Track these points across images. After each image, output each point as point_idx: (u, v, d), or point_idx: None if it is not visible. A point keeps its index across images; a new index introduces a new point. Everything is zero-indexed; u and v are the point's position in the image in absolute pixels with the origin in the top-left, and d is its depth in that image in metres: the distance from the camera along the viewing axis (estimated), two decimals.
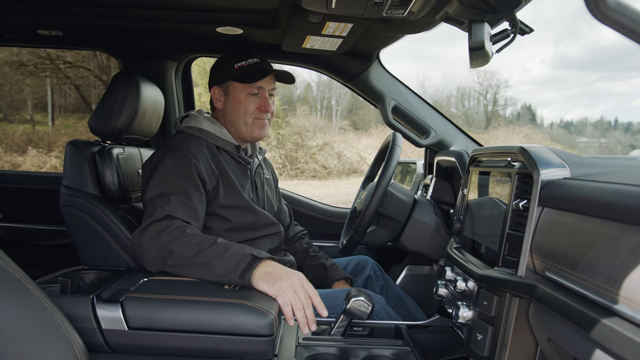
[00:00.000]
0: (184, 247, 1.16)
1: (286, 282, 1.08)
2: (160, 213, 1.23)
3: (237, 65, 1.50)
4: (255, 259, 1.12)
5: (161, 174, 1.32)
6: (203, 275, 1.14)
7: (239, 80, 1.49)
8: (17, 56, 10.82)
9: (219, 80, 1.53)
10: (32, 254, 2.29)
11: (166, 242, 1.17)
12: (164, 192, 1.28)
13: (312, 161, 14.09)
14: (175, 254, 1.16)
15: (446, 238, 1.58)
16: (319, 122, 16.50)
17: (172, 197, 1.26)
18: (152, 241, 1.19)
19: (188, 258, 1.14)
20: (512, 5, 1.08)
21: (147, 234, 1.20)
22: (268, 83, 1.53)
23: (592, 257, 0.68)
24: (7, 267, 0.77)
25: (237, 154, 1.51)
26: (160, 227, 1.20)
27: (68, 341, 0.79)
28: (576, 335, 0.68)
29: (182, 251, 1.16)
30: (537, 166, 0.89)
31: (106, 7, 1.57)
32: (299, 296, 1.08)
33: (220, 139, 1.49)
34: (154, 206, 1.26)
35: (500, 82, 22.37)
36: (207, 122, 1.50)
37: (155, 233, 1.19)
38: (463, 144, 1.92)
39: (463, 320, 1.06)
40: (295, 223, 1.86)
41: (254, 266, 1.10)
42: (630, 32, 0.42)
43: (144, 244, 1.20)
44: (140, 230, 1.22)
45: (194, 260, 1.14)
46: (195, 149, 1.40)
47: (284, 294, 1.07)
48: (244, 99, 1.50)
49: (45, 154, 11.30)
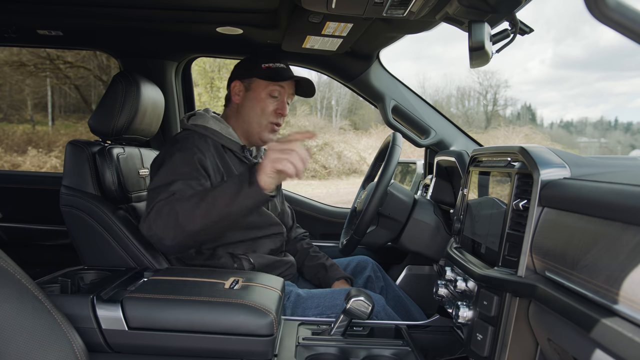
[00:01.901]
0: (185, 203, 1.19)
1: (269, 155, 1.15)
2: (164, 194, 1.24)
3: (265, 65, 1.52)
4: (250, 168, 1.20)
5: (169, 166, 1.33)
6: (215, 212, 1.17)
7: (264, 78, 1.51)
8: (17, 56, 10.82)
9: (243, 75, 1.55)
10: (32, 254, 2.29)
11: (168, 209, 1.19)
12: (170, 181, 1.28)
13: (312, 161, 14.07)
14: (180, 214, 1.18)
15: (446, 238, 1.58)
16: (319, 122, 16.50)
17: (178, 182, 1.27)
18: (157, 215, 1.21)
19: (193, 209, 1.17)
20: (512, 5, 1.09)
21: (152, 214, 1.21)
22: (289, 89, 1.55)
23: (592, 257, 0.68)
24: (7, 267, 0.77)
25: (242, 154, 1.52)
26: (160, 204, 1.22)
27: (68, 341, 0.79)
28: (576, 335, 0.68)
29: (184, 208, 1.18)
30: (537, 166, 0.89)
31: (106, 7, 1.57)
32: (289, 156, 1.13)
33: (225, 138, 1.49)
34: (159, 192, 1.26)
35: (500, 82, 22.41)
36: (213, 121, 1.51)
37: (158, 209, 1.21)
38: (463, 144, 1.92)
39: (463, 320, 1.06)
40: (297, 225, 1.86)
41: (253, 172, 1.17)
42: (630, 32, 0.42)
43: (151, 223, 1.21)
44: (146, 215, 1.23)
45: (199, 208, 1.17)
46: (202, 145, 1.41)
47: (278, 162, 1.13)
48: (264, 98, 1.51)
49: (45, 154, 11.30)
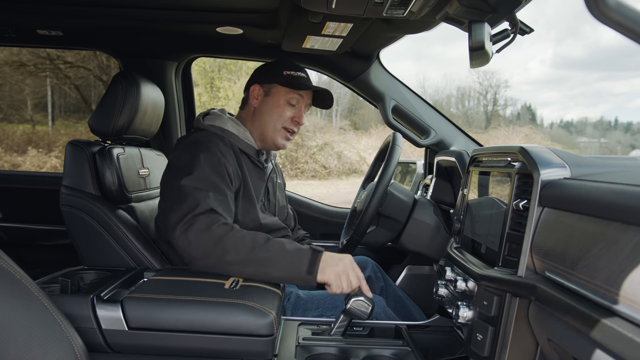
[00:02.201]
0: (239, 242, 1.14)
1: (339, 268, 1.17)
2: (203, 206, 1.19)
3: (286, 73, 1.52)
4: (316, 253, 1.17)
5: (197, 171, 1.27)
6: (262, 271, 1.14)
7: (285, 85, 1.50)
8: (17, 56, 10.82)
9: (264, 80, 1.54)
10: (32, 254, 2.29)
11: (218, 237, 1.14)
12: (202, 188, 1.24)
13: (312, 161, 14.09)
14: (230, 251, 1.13)
15: (446, 238, 1.58)
16: (319, 122, 16.48)
17: (210, 193, 1.23)
18: (202, 236, 1.14)
19: (246, 254, 1.13)
20: (512, 5, 1.09)
21: (195, 229, 1.15)
22: (307, 98, 1.55)
23: (592, 257, 0.68)
24: (7, 267, 0.77)
25: (256, 158, 1.51)
26: (207, 221, 1.16)
27: (68, 341, 0.79)
28: (576, 335, 0.68)
29: (237, 247, 1.13)
30: (537, 166, 0.89)
31: (106, 7, 1.57)
32: (351, 281, 1.18)
33: (242, 142, 1.48)
34: (195, 199, 1.20)
35: (500, 82, 22.36)
36: (231, 123, 1.49)
37: (204, 227, 1.15)
38: (463, 144, 1.92)
39: (463, 320, 1.06)
40: (299, 227, 1.86)
41: (317, 260, 1.15)
42: (630, 32, 0.42)
43: (192, 239, 1.15)
44: (185, 224, 1.17)
45: (253, 257, 1.13)
46: (224, 149, 1.38)
47: (338, 280, 1.16)
48: (283, 105, 1.51)
49: (45, 154, 11.30)
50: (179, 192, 1.24)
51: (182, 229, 1.16)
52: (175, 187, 1.26)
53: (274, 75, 1.52)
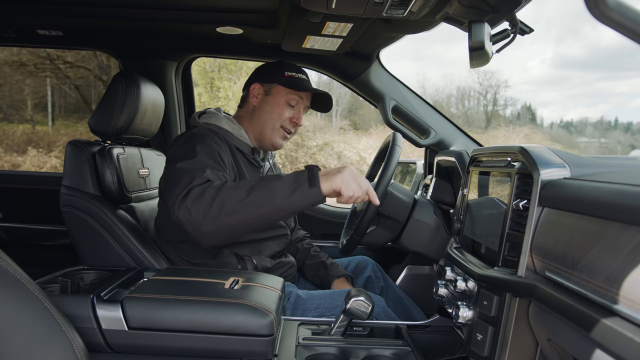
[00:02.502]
0: (234, 189, 1.16)
1: (345, 174, 1.16)
2: (199, 179, 1.21)
3: (288, 74, 1.54)
4: (311, 167, 1.17)
5: (192, 157, 1.30)
6: (267, 205, 1.14)
7: (286, 85, 1.52)
8: (17, 56, 10.81)
9: (265, 80, 1.56)
10: (32, 254, 2.29)
11: (212, 195, 1.15)
12: (197, 168, 1.26)
13: (312, 161, 14.08)
14: (229, 199, 1.14)
15: (446, 238, 1.58)
16: (319, 122, 16.48)
17: (207, 170, 1.26)
18: (198, 201, 1.16)
19: (245, 197, 1.14)
20: (512, 5, 1.09)
21: (191, 197, 1.17)
22: (306, 100, 1.57)
23: (592, 257, 0.68)
24: (7, 267, 0.77)
25: (252, 156, 1.52)
26: (200, 188, 1.18)
27: (68, 341, 0.79)
28: (576, 335, 0.68)
29: (234, 195, 1.14)
30: (537, 166, 0.89)
31: (106, 7, 1.57)
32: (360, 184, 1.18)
33: (237, 139, 1.50)
34: (190, 176, 1.22)
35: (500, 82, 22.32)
36: (226, 121, 1.51)
37: (199, 194, 1.17)
38: (463, 144, 1.92)
39: (463, 320, 1.06)
40: (298, 227, 1.86)
41: (315, 173, 1.16)
42: (630, 32, 0.42)
43: (190, 207, 1.16)
44: (181, 196, 1.18)
45: (251, 198, 1.14)
46: (219, 142, 1.41)
47: (346, 184, 1.15)
48: (282, 105, 1.53)
49: (45, 154, 11.29)
50: (176, 175, 1.26)
51: (180, 203, 1.18)
52: (173, 172, 1.28)
53: (275, 76, 1.54)
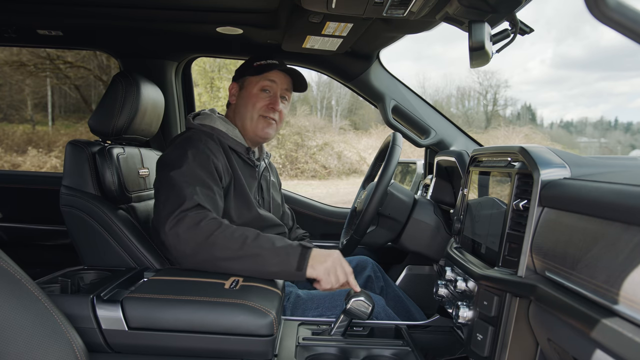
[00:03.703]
0: (229, 239, 1.14)
1: (328, 264, 1.17)
2: (190, 202, 1.19)
3: (256, 63, 1.55)
4: (305, 249, 1.17)
5: (185, 166, 1.29)
6: (252, 268, 1.14)
7: (255, 74, 1.54)
8: (17, 56, 10.82)
9: (237, 77, 1.60)
10: (32, 254, 2.29)
11: (207, 233, 1.14)
12: (190, 182, 1.24)
13: (312, 161, 14.09)
14: (220, 247, 1.13)
15: (446, 238, 1.58)
16: (319, 122, 16.49)
17: (197, 188, 1.24)
18: (191, 232, 1.14)
19: (235, 250, 1.13)
20: (512, 5, 1.09)
21: (184, 225, 1.15)
22: (280, 82, 1.55)
23: (592, 257, 0.68)
24: (7, 267, 0.77)
25: (247, 156, 1.52)
26: (196, 217, 1.16)
27: (68, 341, 0.79)
28: (576, 335, 0.68)
29: (227, 243, 1.13)
30: (537, 166, 0.89)
31: (106, 7, 1.57)
32: (339, 276, 1.19)
33: (232, 139, 1.49)
34: (183, 195, 1.20)
35: (500, 82, 22.37)
36: (220, 122, 1.51)
37: (193, 223, 1.15)
38: (463, 144, 1.92)
39: (463, 320, 1.06)
40: (297, 226, 1.86)
41: (307, 256, 1.15)
42: (631, 32, 0.42)
43: (182, 235, 1.14)
44: (175, 220, 1.16)
45: (243, 253, 1.13)
46: (213, 147, 1.40)
47: (327, 276, 1.17)
48: (256, 94, 1.53)
49: (45, 154, 11.30)
50: (167, 187, 1.25)
51: (171, 225, 1.16)
52: (164, 183, 1.27)
53: (246, 69, 1.57)
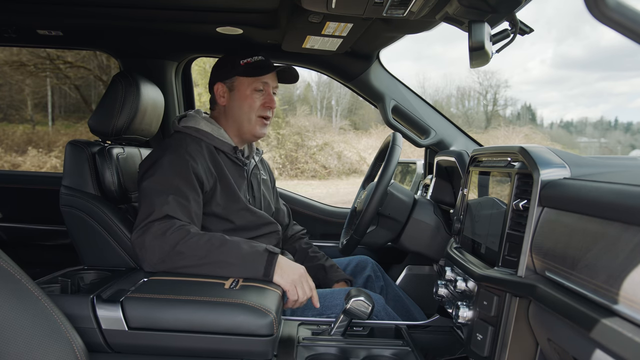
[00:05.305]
0: (194, 247, 1.17)
1: (295, 277, 1.20)
2: (159, 212, 1.22)
3: (243, 62, 1.51)
4: (271, 255, 1.19)
5: (159, 174, 1.31)
6: (219, 273, 1.17)
7: (246, 75, 1.50)
8: (17, 56, 10.82)
9: (224, 77, 1.53)
10: (32, 254, 2.29)
11: (173, 242, 1.17)
12: (161, 191, 1.27)
13: (312, 161, 14.09)
14: (186, 255, 1.16)
15: (446, 238, 1.58)
16: (319, 122, 16.49)
17: (170, 197, 1.25)
18: (157, 241, 1.18)
19: (201, 258, 1.16)
20: (512, 5, 1.09)
21: (150, 235, 1.19)
22: (272, 80, 1.54)
23: (592, 257, 0.68)
24: (7, 267, 0.77)
25: (234, 155, 1.51)
26: (162, 227, 1.19)
27: (68, 341, 0.79)
28: (576, 335, 0.68)
29: (193, 251, 1.16)
30: (537, 166, 0.89)
31: (106, 7, 1.57)
32: (305, 290, 1.22)
33: (217, 140, 1.48)
34: (152, 205, 1.24)
35: (500, 82, 22.36)
36: (205, 123, 1.49)
37: (159, 233, 1.18)
38: (463, 144, 1.92)
39: (463, 320, 1.06)
40: (294, 223, 1.86)
41: (273, 262, 1.18)
42: (630, 32, 0.42)
43: (148, 245, 1.18)
44: (141, 230, 1.21)
45: (208, 260, 1.16)
46: (194, 150, 1.39)
47: (293, 288, 1.20)
48: (250, 95, 1.51)
49: (45, 154, 11.30)
50: (141, 196, 1.30)
51: (137, 234, 1.21)
52: (139, 191, 1.32)
53: (233, 68, 1.52)
